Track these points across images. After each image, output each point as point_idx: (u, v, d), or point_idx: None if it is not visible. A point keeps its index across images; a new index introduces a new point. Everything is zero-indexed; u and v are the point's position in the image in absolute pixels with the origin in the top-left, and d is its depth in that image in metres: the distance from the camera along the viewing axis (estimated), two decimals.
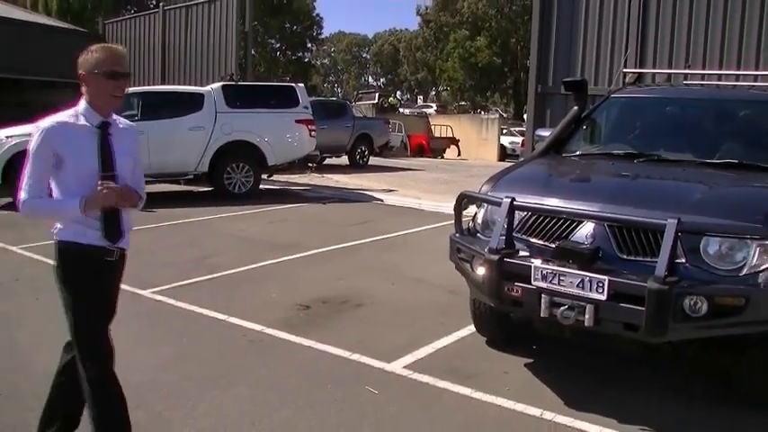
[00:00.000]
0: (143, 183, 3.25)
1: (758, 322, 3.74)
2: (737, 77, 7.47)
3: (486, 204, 4.58)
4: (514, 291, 4.04)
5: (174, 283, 6.58)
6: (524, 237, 4.25)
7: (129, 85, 3.12)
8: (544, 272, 3.92)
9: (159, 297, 6.20)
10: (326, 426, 3.85)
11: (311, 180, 15.74)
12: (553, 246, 4.07)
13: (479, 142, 32.69)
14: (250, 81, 15.83)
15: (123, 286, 3.24)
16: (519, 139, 31.95)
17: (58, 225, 3.03)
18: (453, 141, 32.21)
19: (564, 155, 5.47)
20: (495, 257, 4.04)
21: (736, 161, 4.87)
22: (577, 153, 5.48)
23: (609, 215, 3.95)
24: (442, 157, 30.18)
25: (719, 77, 7.53)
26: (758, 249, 3.74)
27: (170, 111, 11.88)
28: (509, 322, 5.03)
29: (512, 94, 53.20)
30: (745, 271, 3.74)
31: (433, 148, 30.85)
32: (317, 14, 52.46)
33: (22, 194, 2.96)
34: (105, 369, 3.04)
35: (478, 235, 4.56)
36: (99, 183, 2.93)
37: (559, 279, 3.87)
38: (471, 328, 5.37)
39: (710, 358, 4.62)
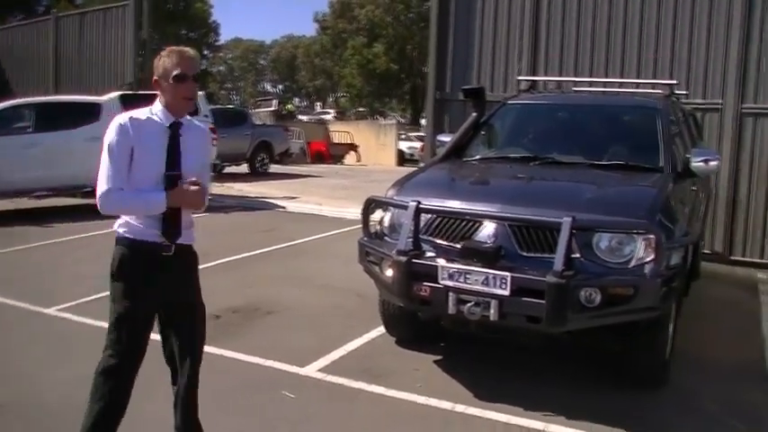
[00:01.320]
0: (209, 186, 3.23)
1: (645, 309, 4.07)
2: (621, 84, 7.94)
3: (392, 208, 4.74)
4: (423, 290, 4.22)
5: (79, 300, 6.36)
6: (430, 238, 4.44)
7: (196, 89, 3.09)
8: (450, 271, 4.12)
9: (65, 314, 6.00)
10: (246, 430, 3.90)
11: (212, 189, 15.50)
12: (458, 246, 4.27)
13: (378, 148, 33.06)
14: (149, 90, 15.42)
15: (25, 305, 3.20)
16: (417, 144, 32.53)
17: (122, 226, 3.08)
18: (352, 147, 32.44)
19: (464, 159, 5.71)
20: (404, 259, 4.21)
21: (622, 162, 5.24)
22: (477, 157, 5.73)
23: (509, 215, 4.20)
24: (342, 163, 30.35)
25: (605, 85, 7.99)
26: (643, 243, 4.06)
27: (65, 122, 11.43)
28: (417, 321, 5.21)
29: (409, 99, 54.04)
30: (632, 263, 4.06)
31: (333, 154, 30.98)
32: (214, 21, 51.75)
33: (104, 186, 2.96)
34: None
35: (386, 238, 4.71)
36: (185, 181, 3.00)
37: (465, 277, 4.07)
38: (380, 330, 5.52)
39: (603, 345, 4.94)
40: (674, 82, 7.02)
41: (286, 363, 4.87)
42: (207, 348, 4.99)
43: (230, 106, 36.47)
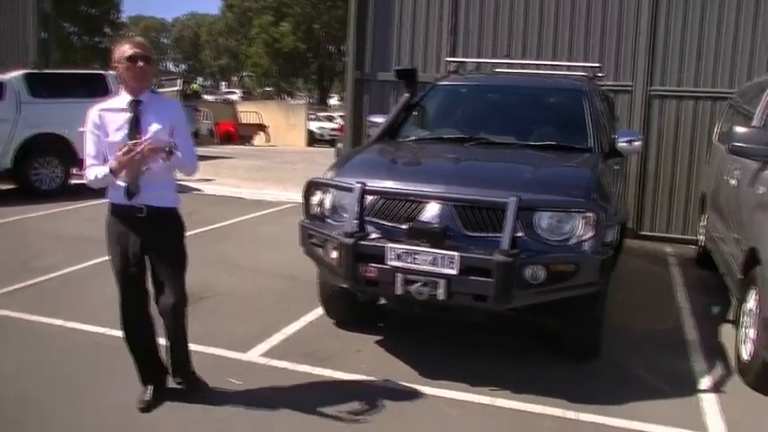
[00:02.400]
0: (192, 152, 3.88)
1: (586, 285, 4.21)
2: (553, 67, 8.13)
3: (333, 190, 4.71)
4: (369, 272, 4.22)
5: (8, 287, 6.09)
6: (374, 219, 4.44)
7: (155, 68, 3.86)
8: (398, 252, 4.14)
9: None
10: (197, 421, 3.82)
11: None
12: (402, 227, 4.30)
13: (288, 128, 32.67)
14: (54, 68, 14.69)
15: None
16: (327, 125, 32.41)
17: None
18: (261, 128, 31.92)
19: (399, 140, 5.73)
20: (350, 241, 4.20)
21: (554, 143, 5.39)
22: (412, 138, 5.77)
23: (456, 195, 4.25)
24: (251, 144, 29.89)
25: (537, 67, 8.16)
26: (582, 221, 4.20)
27: None
28: (356, 303, 5.22)
29: (316, 79, 53.68)
30: (572, 241, 4.19)
31: (242, 134, 30.42)
32: None
33: (86, 163, 3.71)
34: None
35: (328, 220, 4.68)
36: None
37: (413, 257, 4.11)
38: (317, 312, 5.51)
39: (542, 320, 5.09)
40: (598, 65, 7.25)
41: (227, 349, 4.81)
42: None
43: None
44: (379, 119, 6.10)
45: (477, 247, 4.11)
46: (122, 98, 3.69)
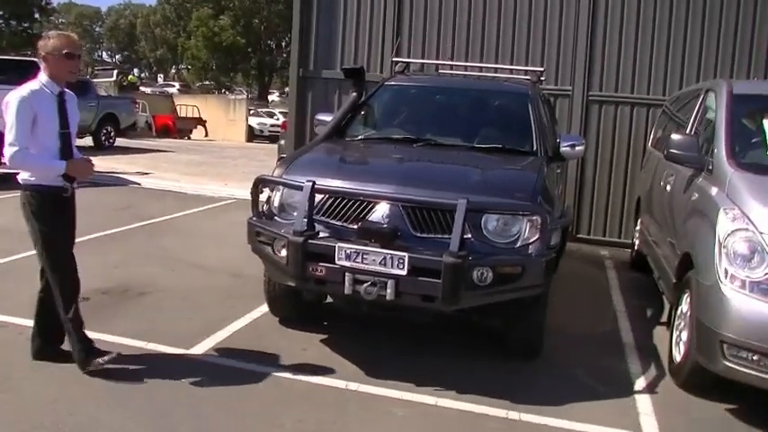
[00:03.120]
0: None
1: (531, 287, 4.31)
2: (495, 70, 8.25)
3: (281, 188, 4.68)
4: (318, 270, 4.22)
5: None
6: (323, 218, 4.44)
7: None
8: (348, 251, 4.15)
9: None
10: (140, 418, 3.75)
11: None
12: (351, 227, 4.31)
13: (227, 123, 32.25)
14: None
15: None
16: (267, 120, 32.10)
17: (27, 175, 4.00)
18: (200, 122, 31.40)
19: (347, 139, 5.74)
20: (300, 239, 4.19)
21: (499, 146, 5.48)
22: (360, 137, 5.78)
23: (406, 196, 4.28)
24: (189, 138, 29.38)
25: (482, 70, 8.27)
26: (528, 224, 4.29)
27: None
28: (301, 301, 5.21)
29: (256, 75, 53.15)
30: (519, 243, 4.28)
31: (180, 128, 29.80)
32: None
33: (13, 146, 3.84)
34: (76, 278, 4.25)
35: (276, 218, 4.65)
36: (83, 157, 4.14)
37: (362, 257, 4.12)
38: (262, 309, 5.48)
39: (486, 321, 5.17)
40: (541, 69, 7.39)
41: (169, 345, 4.73)
42: None
43: None
44: (327, 117, 6.09)
45: (426, 248, 4.15)
46: (44, 86, 3.97)
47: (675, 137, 5.28)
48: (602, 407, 4.32)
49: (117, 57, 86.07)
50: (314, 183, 4.33)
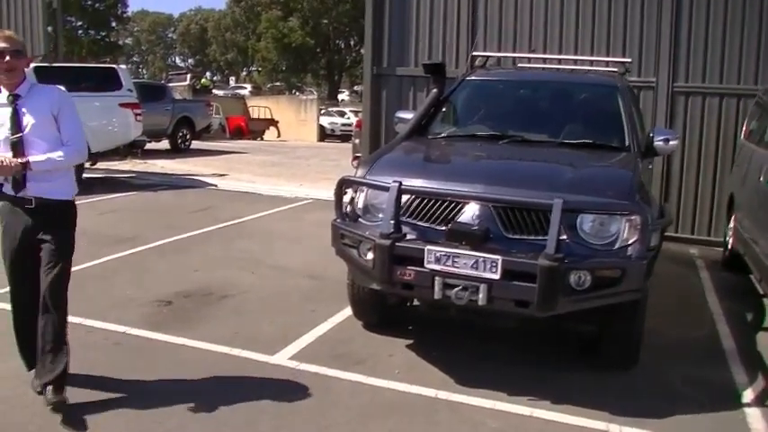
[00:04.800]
0: (77, 135, 3.78)
1: (631, 291, 4.04)
2: (575, 62, 7.96)
3: (365, 188, 4.55)
4: (406, 274, 4.06)
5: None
6: (409, 220, 4.28)
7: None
8: (438, 254, 3.98)
9: None
10: (226, 426, 3.68)
11: (134, 167, 14.87)
12: (440, 228, 4.14)
13: (298, 123, 32.60)
14: (63, 62, 14.54)
15: None
16: (338, 120, 32.23)
17: None
18: (272, 123, 31.85)
19: (429, 137, 5.56)
20: (387, 242, 4.04)
21: (590, 141, 5.22)
22: (442, 135, 5.59)
23: (498, 196, 4.08)
24: (262, 139, 29.79)
25: (559, 62, 7.99)
26: (627, 224, 4.04)
27: None
28: (385, 305, 5.07)
29: (324, 74, 53.55)
30: (617, 245, 4.02)
31: (252, 129, 30.32)
32: None
33: None
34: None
35: (360, 220, 4.52)
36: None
37: (453, 261, 3.94)
38: (344, 313, 5.37)
39: (580, 327, 4.92)
40: (629, 60, 7.07)
41: (254, 351, 4.65)
42: (164, 337, 4.83)
43: (149, 80, 35.04)
44: (407, 115, 5.92)
45: (519, 250, 3.95)
46: (3, 93, 3.67)
47: None
48: (707, 421, 4.03)
49: (189, 61, 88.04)
50: (400, 183, 4.18)
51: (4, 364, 4.23)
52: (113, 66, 12.64)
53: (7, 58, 3.58)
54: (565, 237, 3.97)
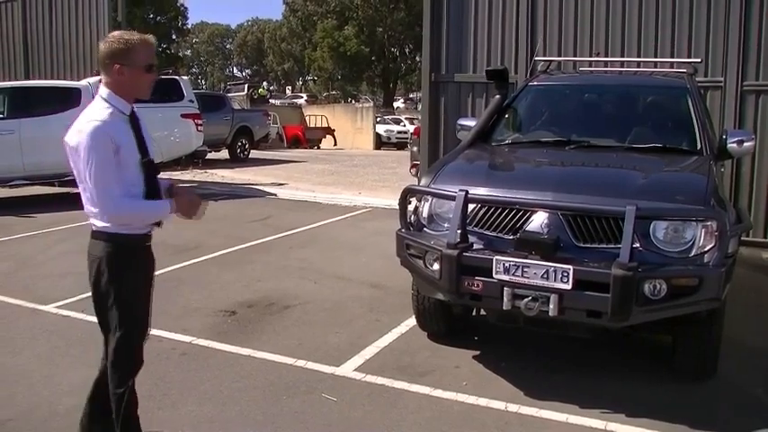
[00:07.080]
0: None
1: (708, 300, 3.87)
2: (639, 64, 7.75)
3: (430, 198, 4.48)
4: (474, 285, 3.98)
5: (77, 296, 5.99)
6: (476, 229, 4.20)
7: None
8: (506, 264, 3.88)
9: (65, 312, 5.68)
10: None
11: (194, 177, 15.12)
12: (507, 237, 4.05)
13: (355, 131, 32.75)
14: None
15: (19, 302, 2.92)
16: (394, 128, 32.25)
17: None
18: (329, 131, 32.06)
19: (493, 144, 5.47)
20: (454, 252, 3.97)
21: (659, 145, 5.05)
22: (507, 142, 5.49)
23: (566, 204, 3.97)
24: (319, 148, 30.01)
25: (622, 65, 7.80)
26: (703, 231, 3.88)
27: (43, 107, 10.93)
28: (451, 316, 4.99)
29: (380, 82, 53.71)
30: (693, 252, 3.87)
31: (309, 138, 30.59)
32: (182, 4, 50.35)
33: (114, 193, 2.89)
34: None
35: (425, 229, 4.45)
36: (193, 194, 3.16)
37: (523, 271, 3.85)
38: (408, 323, 5.31)
39: (655, 337, 4.76)
40: (698, 60, 6.85)
41: (318, 362, 4.63)
42: (230, 348, 4.85)
43: (208, 90, 35.68)
44: (470, 122, 5.83)
45: (590, 259, 3.83)
46: (114, 109, 2.94)
47: None
48: None
49: (246, 71, 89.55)
50: (467, 192, 4.10)
51: (74, 373, 4.30)
52: (176, 77, 12.86)
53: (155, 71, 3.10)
54: (638, 244, 3.83)
